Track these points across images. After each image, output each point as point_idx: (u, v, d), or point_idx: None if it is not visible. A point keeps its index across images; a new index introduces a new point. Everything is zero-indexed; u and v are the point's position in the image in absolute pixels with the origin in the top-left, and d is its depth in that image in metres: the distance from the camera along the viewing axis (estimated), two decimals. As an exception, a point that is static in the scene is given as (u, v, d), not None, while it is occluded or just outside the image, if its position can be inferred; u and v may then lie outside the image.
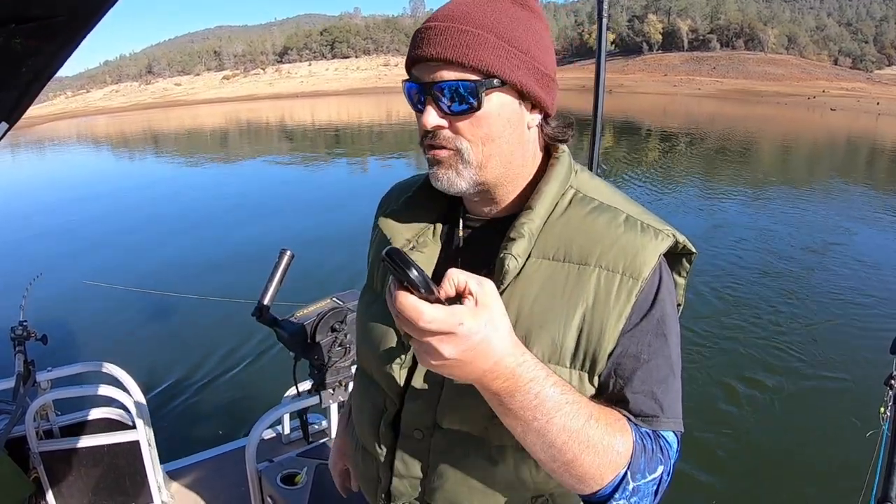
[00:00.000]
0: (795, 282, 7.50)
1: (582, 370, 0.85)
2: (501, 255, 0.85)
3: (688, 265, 0.93)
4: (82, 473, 2.42)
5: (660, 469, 0.82)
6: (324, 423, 2.75)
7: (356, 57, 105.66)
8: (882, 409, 1.84)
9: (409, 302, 0.65)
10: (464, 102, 0.82)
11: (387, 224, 1.00)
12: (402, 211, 1.01)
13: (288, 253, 2.30)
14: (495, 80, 0.81)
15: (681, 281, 0.94)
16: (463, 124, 0.84)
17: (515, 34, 0.83)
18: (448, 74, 0.81)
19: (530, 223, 0.87)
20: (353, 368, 2.48)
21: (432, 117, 0.84)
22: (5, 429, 2.17)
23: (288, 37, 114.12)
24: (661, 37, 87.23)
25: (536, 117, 0.89)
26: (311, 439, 2.65)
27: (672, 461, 0.85)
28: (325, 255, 7.61)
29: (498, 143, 0.86)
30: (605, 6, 1.78)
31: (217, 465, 2.82)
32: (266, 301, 2.29)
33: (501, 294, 0.84)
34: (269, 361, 5.27)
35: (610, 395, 0.85)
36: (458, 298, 0.69)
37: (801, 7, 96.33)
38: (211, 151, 25.32)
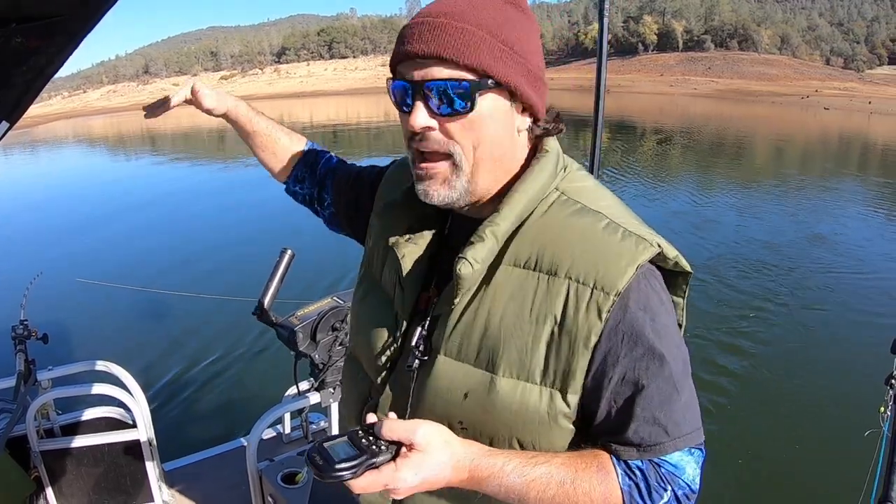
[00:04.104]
0: (794, 279, 7.51)
1: (553, 388, 0.81)
2: (457, 260, 0.81)
3: (684, 285, 0.88)
4: (83, 472, 2.42)
5: (664, 499, 0.81)
6: (324, 422, 2.74)
7: (354, 57, 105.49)
8: (882, 409, 1.83)
9: (345, 483, 0.74)
10: (456, 103, 0.78)
11: (385, 217, 0.98)
12: (403, 201, 0.97)
13: (289, 252, 2.30)
14: (490, 81, 0.78)
15: (678, 301, 0.88)
16: (454, 126, 0.80)
17: (511, 34, 0.79)
18: (441, 72, 0.77)
19: (494, 226, 0.82)
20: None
21: (421, 118, 0.80)
22: (6, 428, 2.17)
23: (285, 37, 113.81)
24: (656, 37, 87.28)
25: (527, 121, 0.86)
26: (311, 438, 2.65)
27: (684, 482, 0.83)
28: (326, 254, 7.58)
29: (489, 147, 0.83)
30: (606, 6, 1.78)
31: (217, 464, 2.81)
32: (267, 300, 2.29)
33: (469, 303, 0.84)
34: (270, 360, 5.25)
35: (610, 424, 0.82)
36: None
37: (792, 7, 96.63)
38: (211, 150, 25.27)
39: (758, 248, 8.81)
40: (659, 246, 0.81)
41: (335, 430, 2.51)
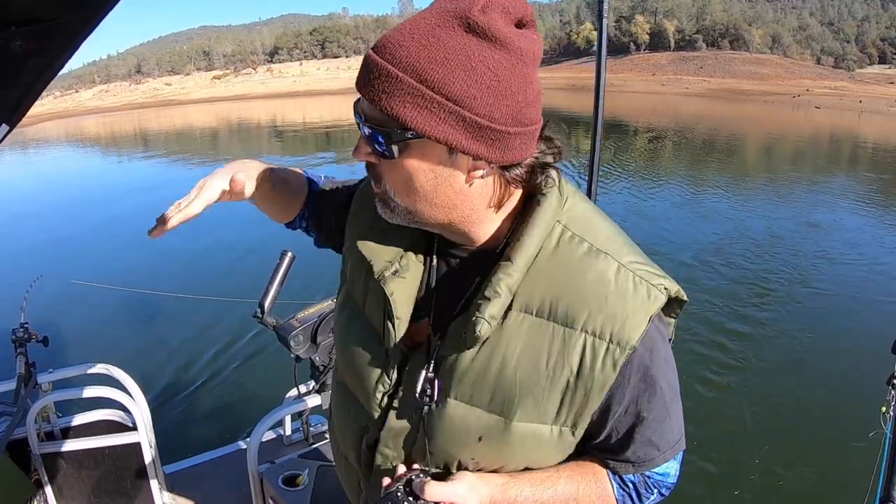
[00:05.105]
0: (793, 279, 7.52)
1: (564, 426, 0.86)
2: (474, 318, 0.80)
3: (678, 309, 0.90)
4: (83, 475, 2.41)
5: (651, 499, 0.95)
6: (324, 425, 2.74)
7: (346, 57, 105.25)
8: (883, 409, 1.83)
9: None
10: (379, 148, 0.77)
11: (366, 245, 0.93)
12: (383, 228, 0.91)
13: (289, 254, 2.30)
14: (409, 133, 0.73)
15: (671, 321, 0.91)
16: (385, 167, 0.80)
17: (448, 78, 0.70)
18: (371, 115, 0.76)
19: (508, 279, 0.80)
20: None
21: (359, 152, 0.81)
22: (7, 431, 2.16)
23: (277, 37, 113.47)
24: (648, 37, 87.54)
25: (481, 170, 0.78)
26: (312, 441, 2.65)
27: (669, 482, 0.95)
28: (326, 255, 7.57)
29: (422, 194, 0.80)
30: (605, 7, 1.79)
31: (218, 466, 2.81)
32: (267, 302, 2.30)
33: (479, 348, 0.83)
34: (270, 362, 5.23)
35: (609, 446, 0.89)
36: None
37: (783, 7, 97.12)
38: (206, 150, 25.15)
39: (754, 242, 8.84)
40: (666, 291, 0.83)
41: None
